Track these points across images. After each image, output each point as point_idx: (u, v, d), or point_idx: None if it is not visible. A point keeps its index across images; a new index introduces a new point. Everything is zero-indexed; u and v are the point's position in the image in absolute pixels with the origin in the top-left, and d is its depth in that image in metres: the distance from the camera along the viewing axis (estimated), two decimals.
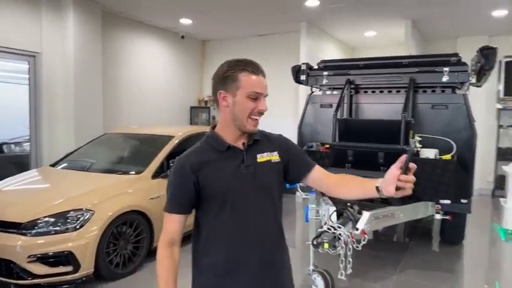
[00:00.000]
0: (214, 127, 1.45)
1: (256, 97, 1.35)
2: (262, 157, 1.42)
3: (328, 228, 2.77)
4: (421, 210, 3.68)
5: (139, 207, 3.81)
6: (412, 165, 1.19)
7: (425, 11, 6.17)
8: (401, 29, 6.83)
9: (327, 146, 4.04)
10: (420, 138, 3.80)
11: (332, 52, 7.98)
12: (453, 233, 4.56)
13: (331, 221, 2.93)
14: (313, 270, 3.28)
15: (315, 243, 2.73)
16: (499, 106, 7.55)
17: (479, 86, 4.61)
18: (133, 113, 7.26)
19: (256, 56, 7.19)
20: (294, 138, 4.98)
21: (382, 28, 7.28)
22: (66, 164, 4.60)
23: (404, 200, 3.58)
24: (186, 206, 1.39)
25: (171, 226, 1.39)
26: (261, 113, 1.38)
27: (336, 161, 3.78)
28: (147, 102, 7.61)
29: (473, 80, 3.87)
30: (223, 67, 1.38)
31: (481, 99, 7.57)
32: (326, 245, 2.62)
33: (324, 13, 6.34)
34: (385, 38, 7.89)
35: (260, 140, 1.45)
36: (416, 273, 3.90)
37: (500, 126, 7.56)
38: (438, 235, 5.05)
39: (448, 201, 3.57)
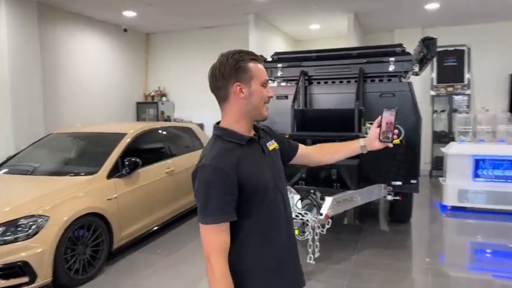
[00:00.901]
0: (218, 123, 1.42)
1: (266, 84, 1.39)
2: (270, 145, 1.46)
3: (296, 215, 2.85)
4: (376, 192, 3.91)
5: (97, 209, 3.64)
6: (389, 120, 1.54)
7: (366, 4, 6.48)
8: (344, 22, 7.12)
9: (287, 136, 4.12)
10: (371, 125, 4.02)
11: (279, 45, 8.11)
12: (402, 212, 4.89)
13: (297, 208, 3.01)
14: None
15: None
16: (433, 93, 8.18)
17: (418, 75, 4.96)
18: (76, 112, 6.86)
19: (204, 49, 7.21)
20: None
21: (326, 21, 7.53)
22: (7, 169, 4.25)
23: (360, 185, 3.79)
24: (235, 211, 1.28)
25: (225, 236, 1.27)
26: (269, 99, 1.41)
27: None
28: (90, 99, 7.23)
29: (416, 69, 4.16)
30: (229, 60, 1.33)
31: (417, 87, 8.09)
32: (296, 232, 2.69)
33: (271, 6, 6.42)
34: (328, 30, 8.17)
35: (263, 131, 1.50)
36: (373, 252, 4.15)
37: (434, 112, 8.20)
38: (388, 215, 5.40)
39: (399, 183, 3.83)
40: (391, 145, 1.53)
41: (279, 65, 4.38)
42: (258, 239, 1.33)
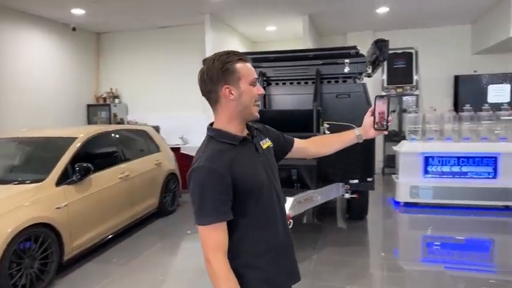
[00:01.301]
0: (211, 125, 1.42)
1: (255, 83, 1.38)
2: (264, 144, 1.47)
3: None
4: (334, 191, 3.98)
5: (44, 218, 3.40)
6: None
7: (320, 7, 6.62)
8: (299, 24, 7.22)
9: None
10: (328, 125, 4.09)
11: (236, 46, 8.07)
12: (359, 209, 5.03)
13: None
14: None
15: None
16: (384, 94, 8.51)
17: (370, 76, 5.12)
18: (21, 116, 6.42)
19: (159, 49, 6.97)
20: (204, 131, 4.94)
21: (282, 23, 7.60)
22: None
23: (319, 184, 3.83)
24: (230, 210, 1.30)
25: (223, 236, 1.29)
26: (260, 96, 1.42)
27: None
28: (37, 102, 6.80)
29: (370, 70, 4.29)
30: (216, 63, 1.32)
31: (369, 88, 8.38)
32: None
33: (227, 6, 6.37)
34: (285, 32, 8.26)
35: (257, 129, 1.49)
36: (332, 251, 4.22)
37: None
38: (345, 213, 5.53)
39: (356, 181, 3.92)
40: (386, 132, 1.58)
41: None
42: (254, 236, 1.36)
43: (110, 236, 4.34)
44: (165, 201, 5.60)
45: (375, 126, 1.58)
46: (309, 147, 1.70)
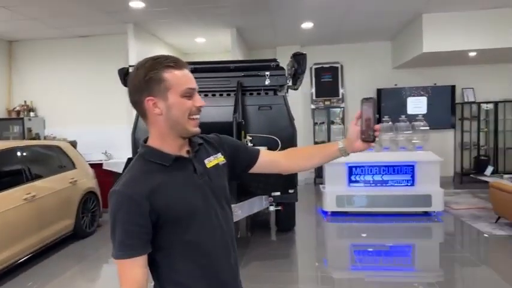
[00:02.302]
0: (145, 142, 1.21)
1: (191, 94, 1.15)
2: (210, 162, 1.25)
3: None
4: (257, 204, 3.90)
5: None
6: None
7: (246, 20, 6.65)
8: (227, 37, 7.20)
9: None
10: (251, 138, 4.04)
11: None
12: (286, 221, 5.02)
13: None
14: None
15: None
16: (313, 106, 8.76)
17: (296, 89, 5.18)
18: None
19: (80, 59, 6.52)
20: (129, 145, 4.66)
21: (210, 35, 7.53)
22: None
23: (240, 197, 3.73)
24: (148, 242, 1.11)
25: (138, 272, 1.09)
26: (199, 110, 1.18)
27: None
28: None
29: (290, 83, 4.32)
30: (140, 70, 1.13)
31: (299, 101, 8.65)
32: None
33: (150, 16, 6.16)
34: (214, 44, 8.20)
35: (202, 144, 1.28)
36: (259, 265, 4.12)
37: (315, 124, 8.77)
38: (274, 225, 5.49)
39: (278, 193, 3.88)
40: (373, 144, 1.30)
41: None
42: (185, 270, 1.16)
43: (18, 262, 3.88)
44: (83, 223, 5.16)
45: (362, 136, 1.29)
46: (279, 160, 1.44)
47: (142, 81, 1.12)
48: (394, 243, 4.82)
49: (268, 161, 1.43)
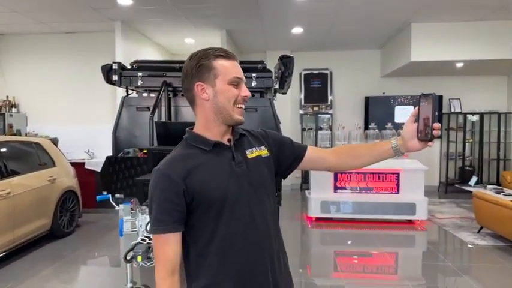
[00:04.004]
0: (191, 129, 1.28)
1: (237, 83, 1.22)
2: (251, 153, 1.28)
3: (143, 239, 2.54)
4: None
5: None
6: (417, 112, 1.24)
7: (237, 23, 6.61)
8: (217, 39, 7.14)
9: (145, 151, 3.80)
10: None
11: (152, 56, 7.75)
12: None
13: (146, 231, 2.70)
14: None
15: (127, 257, 2.45)
16: (301, 112, 8.75)
17: (285, 93, 5.15)
18: None
19: (65, 56, 6.37)
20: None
21: (200, 36, 7.47)
22: None
23: None
24: (181, 221, 1.17)
25: (171, 249, 1.15)
26: (245, 100, 1.24)
27: (155, 166, 3.58)
28: None
29: (277, 86, 4.27)
30: (193, 59, 1.22)
31: (288, 106, 8.63)
32: (139, 258, 2.38)
33: (138, 14, 6.07)
34: (203, 46, 7.92)
35: (246, 135, 1.31)
36: None
37: (303, 129, 8.75)
38: None
39: None
40: (431, 144, 1.23)
41: (140, 74, 4.05)
42: (215, 257, 1.19)
43: None
44: (61, 222, 5.01)
45: (419, 135, 1.22)
46: (327, 158, 1.42)
47: (194, 68, 1.20)
48: (377, 251, 4.79)
49: (316, 157, 1.43)
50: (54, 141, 5.70)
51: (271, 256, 1.26)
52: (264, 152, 1.31)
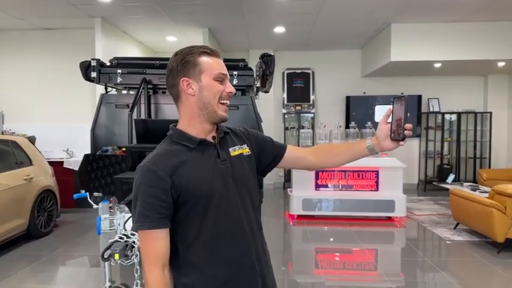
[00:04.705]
0: (174, 125, 1.29)
1: (222, 79, 1.24)
2: (234, 151, 1.31)
3: (120, 237, 2.51)
4: None
5: None
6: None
7: (219, 21, 6.60)
8: (200, 37, 7.12)
9: (124, 149, 3.76)
10: None
11: (134, 54, 7.67)
12: None
13: (124, 229, 2.68)
14: (110, 287, 2.94)
15: (105, 256, 2.42)
16: (284, 111, 8.79)
17: (267, 92, 5.15)
18: None
19: (44, 52, 6.25)
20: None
21: (182, 34, 7.42)
22: None
23: None
24: (168, 218, 1.17)
25: (158, 244, 1.15)
26: (229, 96, 1.27)
27: (134, 164, 3.54)
28: None
29: (259, 84, 4.28)
30: (178, 56, 1.24)
31: (271, 106, 8.66)
32: (116, 256, 2.35)
33: (119, 11, 6.00)
34: (185, 44, 7.92)
35: (229, 133, 1.34)
36: None
37: (286, 128, 8.80)
38: None
39: None
40: (403, 143, 1.29)
41: (119, 71, 4.00)
42: (202, 254, 1.20)
43: None
44: (38, 222, 4.91)
45: (392, 135, 1.29)
46: (306, 157, 1.46)
47: (179, 64, 1.22)
48: (358, 248, 4.86)
49: (295, 156, 1.47)
50: (32, 140, 5.58)
51: (256, 250, 1.29)
52: (246, 150, 1.34)
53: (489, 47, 6.71)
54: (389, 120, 1.31)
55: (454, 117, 8.52)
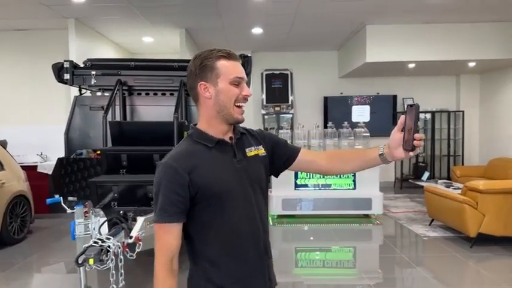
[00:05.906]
0: (195, 125, 1.33)
1: (238, 83, 1.27)
2: (250, 151, 1.35)
3: (95, 242, 2.46)
4: None
5: None
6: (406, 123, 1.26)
7: (195, 22, 6.57)
8: (177, 37, 7.06)
9: (99, 152, 3.70)
10: None
11: (110, 55, 7.53)
12: None
13: (99, 233, 2.63)
14: None
15: (79, 261, 2.37)
16: (263, 112, 8.82)
17: None
18: None
19: (16, 54, 6.08)
20: None
21: (158, 35, 7.35)
22: None
23: None
24: (184, 213, 1.23)
25: (170, 239, 1.21)
26: (245, 99, 1.29)
27: (109, 167, 3.49)
28: None
29: None
30: (196, 59, 1.27)
31: (250, 107, 8.67)
32: (91, 261, 2.29)
33: (93, 11, 5.89)
34: (162, 44, 8.01)
35: (246, 134, 1.38)
36: None
37: (265, 129, 8.82)
38: None
39: None
40: (411, 154, 1.25)
41: (93, 73, 3.94)
42: (217, 250, 1.27)
43: None
44: (10, 228, 4.76)
45: (404, 145, 1.25)
46: (319, 161, 1.47)
47: (198, 68, 1.26)
48: (336, 246, 4.92)
49: (307, 160, 1.48)
50: (3, 144, 5.40)
51: (265, 245, 1.36)
52: (261, 151, 1.40)
53: (461, 47, 6.91)
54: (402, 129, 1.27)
55: (428, 116, 8.73)
